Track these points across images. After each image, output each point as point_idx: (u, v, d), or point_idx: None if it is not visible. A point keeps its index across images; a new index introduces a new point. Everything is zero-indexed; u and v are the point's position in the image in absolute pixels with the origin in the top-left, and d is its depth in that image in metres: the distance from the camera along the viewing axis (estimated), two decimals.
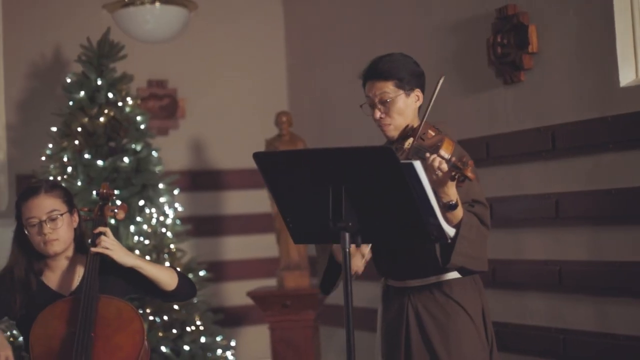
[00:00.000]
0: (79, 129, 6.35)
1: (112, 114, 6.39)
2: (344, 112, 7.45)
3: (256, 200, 7.93)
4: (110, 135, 6.42)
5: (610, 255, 4.90)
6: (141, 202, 6.30)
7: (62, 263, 3.73)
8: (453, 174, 3.21)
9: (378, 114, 3.64)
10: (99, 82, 6.44)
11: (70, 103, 6.48)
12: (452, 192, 3.31)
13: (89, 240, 3.66)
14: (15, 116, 7.39)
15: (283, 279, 6.33)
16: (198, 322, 6.35)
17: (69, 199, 3.73)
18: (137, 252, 5.99)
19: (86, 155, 6.28)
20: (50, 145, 6.47)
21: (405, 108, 3.62)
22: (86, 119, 6.37)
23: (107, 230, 3.62)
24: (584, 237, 5.05)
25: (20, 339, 6.00)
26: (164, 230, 6.37)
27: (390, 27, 6.81)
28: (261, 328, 7.72)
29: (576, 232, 5.10)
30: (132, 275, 3.67)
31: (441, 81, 3.51)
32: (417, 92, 3.67)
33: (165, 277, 3.69)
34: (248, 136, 8.03)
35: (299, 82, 8.17)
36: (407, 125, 3.62)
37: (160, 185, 6.43)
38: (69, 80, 6.55)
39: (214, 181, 7.96)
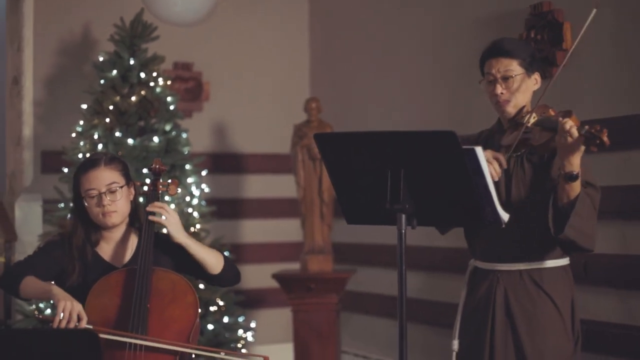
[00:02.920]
0: (111, 107, 6.41)
1: (143, 93, 6.45)
2: (366, 99, 7.53)
3: (278, 185, 8.02)
4: (141, 115, 6.49)
5: (637, 249, 5.00)
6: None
7: (116, 235, 3.79)
8: (588, 139, 3.26)
9: (499, 90, 3.69)
10: (131, 62, 6.49)
11: (102, 81, 6.53)
12: (576, 162, 3.39)
13: (145, 214, 3.72)
14: (43, 93, 7.44)
15: (307, 262, 6.40)
16: (220, 302, 6.43)
17: (127, 172, 3.80)
18: None
19: (117, 134, 6.34)
20: (81, 122, 6.52)
21: (525, 88, 3.70)
22: (118, 98, 6.43)
23: (164, 204, 3.69)
24: (611, 230, 5.13)
25: (48, 311, 6.11)
26: (190, 210, 6.44)
27: (420, 20, 6.87)
28: (280, 311, 7.82)
29: (604, 225, 5.18)
30: (181, 253, 3.73)
31: (593, 14, 3.56)
32: (537, 76, 3.76)
33: (212, 260, 3.74)
34: (271, 121, 8.12)
35: (322, 69, 8.24)
36: (523, 107, 3.70)
37: (187, 166, 6.50)
38: (101, 59, 6.61)
39: (236, 164, 8.04)
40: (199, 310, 3.60)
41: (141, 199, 4.31)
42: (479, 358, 3.76)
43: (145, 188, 3.89)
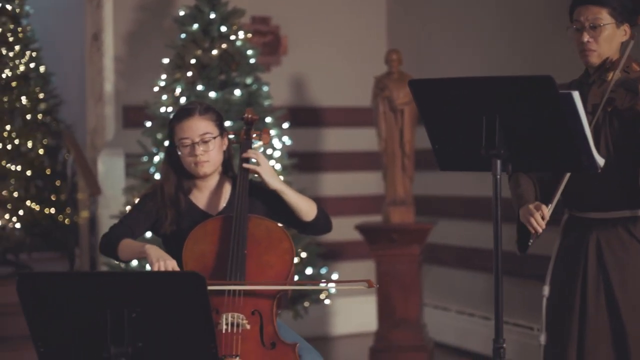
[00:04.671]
0: (192, 61, 6.45)
1: (224, 47, 6.48)
2: (444, 49, 7.51)
3: (356, 138, 8.04)
4: (222, 68, 6.53)
5: None
6: None
7: (209, 184, 3.82)
8: None
9: (586, 38, 3.65)
10: (212, 16, 6.52)
11: (183, 36, 6.58)
12: None
13: (240, 162, 3.75)
14: (123, 48, 7.52)
15: (389, 214, 6.42)
16: (303, 255, 6.48)
17: (221, 122, 3.82)
18: None
19: (199, 87, 6.38)
20: (163, 77, 6.58)
21: (612, 38, 3.64)
22: (199, 52, 6.47)
23: (258, 152, 3.72)
24: None
25: (134, 262, 6.21)
26: (272, 163, 6.48)
27: None
28: (360, 263, 7.87)
29: None
30: (275, 200, 3.75)
31: None
32: (626, 27, 3.68)
33: (306, 206, 3.75)
34: (348, 74, 8.12)
35: (399, 20, 8.22)
36: (607, 58, 3.66)
37: (269, 119, 6.53)
38: (181, 13, 6.65)
39: (315, 118, 8.06)
40: (294, 257, 3.63)
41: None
42: (570, 304, 3.75)
43: (231, 136, 3.92)
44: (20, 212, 7.67)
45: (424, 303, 6.91)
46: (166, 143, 6.12)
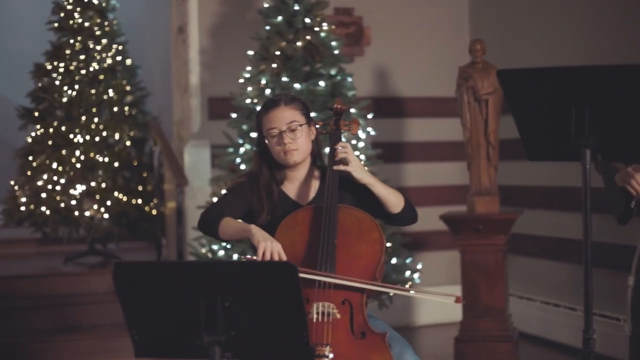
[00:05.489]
0: (277, 53, 6.50)
1: (308, 38, 6.52)
2: (528, 37, 7.45)
3: (440, 128, 8.04)
4: (307, 60, 6.56)
5: None
6: None
7: (300, 174, 3.86)
8: None
9: None
10: (296, 8, 6.56)
11: (267, 27, 6.63)
12: None
13: (329, 153, 3.78)
14: (208, 41, 7.60)
15: (474, 204, 6.41)
16: (388, 244, 6.50)
17: (307, 111, 3.86)
18: None
19: (284, 79, 6.43)
20: (248, 68, 6.64)
21: None
22: (284, 43, 6.52)
23: (347, 145, 3.74)
24: None
25: (221, 252, 6.29)
26: (357, 153, 6.50)
27: None
28: (443, 253, 7.88)
29: None
30: (364, 192, 3.77)
31: None
32: None
33: (394, 199, 3.77)
34: (431, 64, 8.12)
35: (482, 10, 8.18)
36: None
37: (353, 110, 6.55)
38: (266, 5, 6.70)
39: (398, 108, 8.07)
40: (384, 247, 3.65)
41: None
42: None
43: (317, 126, 3.95)
44: (108, 203, 7.80)
45: (509, 293, 6.88)
46: (253, 135, 6.22)
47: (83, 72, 7.95)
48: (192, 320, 2.82)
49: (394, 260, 6.53)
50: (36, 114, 7.98)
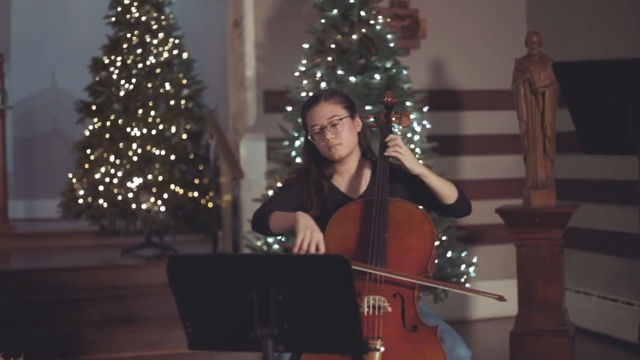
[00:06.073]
0: (332, 46, 6.50)
1: (364, 31, 6.51)
2: (584, 29, 7.38)
3: (496, 121, 7.99)
4: (362, 53, 6.55)
5: None
6: None
7: (349, 167, 3.87)
8: None
9: None
10: (351, 1, 6.55)
11: (322, 21, 6.62)
12: None
13: (380, 146, 3.78)
14: (263, 34, 7.62)
15: (530, 197, 6.35)
16: (443, 238, 6.48)
17: (350, 104, 3.85)
18: None
19: (339, 72, 6.42)
20: (304, 62, 6.65)
21: None
22: (339, 36, 6.51)
23: (398, 137, 3.74)
24: None
25: (276, 246, 6.32)
26: (412, 146, 6.49)
27: None
28: (499, 247, 7.83)
29: None
30: (416, 183, 3.76)
31: None
32: None
33: (447, 190, 3.76)
34: (487, 56, 8.08)
35: (538, 2, 8.11)
36: None
37: (408, 103, 6.53)
38: None
39: (454, 101, 8.04)
40: (435, 240, 3.64)
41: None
42: None
43: (371, 119, 3.96)
44: (165, 196, 7.87)
45: (565, 288, 6.83)
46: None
47: (140, 65, 8.03)
48: (245, 313, 2.84)
49: (449, 254, 6.50)
50: (94, 107, 8.08)
